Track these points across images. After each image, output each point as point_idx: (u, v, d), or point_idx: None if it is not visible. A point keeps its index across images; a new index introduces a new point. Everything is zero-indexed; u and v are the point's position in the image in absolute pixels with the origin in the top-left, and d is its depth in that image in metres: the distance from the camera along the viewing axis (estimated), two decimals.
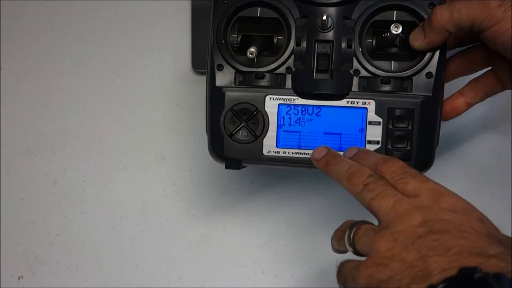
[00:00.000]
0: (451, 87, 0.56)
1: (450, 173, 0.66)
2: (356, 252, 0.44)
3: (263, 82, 0.53)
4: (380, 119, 0.52)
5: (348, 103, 0.52)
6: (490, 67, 0.55)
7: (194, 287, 0.63)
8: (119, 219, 0.66)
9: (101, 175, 0.68)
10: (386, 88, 0.52)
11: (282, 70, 0.53)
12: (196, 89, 0.70)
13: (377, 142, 0.52)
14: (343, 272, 0.44)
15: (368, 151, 0.50)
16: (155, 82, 0.71)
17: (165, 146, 0.68)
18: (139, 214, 0.66)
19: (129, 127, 0.69)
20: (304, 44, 0.52)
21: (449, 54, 0.54)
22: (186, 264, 0.64)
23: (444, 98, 0.54)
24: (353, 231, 0.44)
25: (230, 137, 0.53)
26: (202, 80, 0.70)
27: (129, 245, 0.65)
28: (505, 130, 0.67)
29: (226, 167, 0.54)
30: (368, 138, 0.52)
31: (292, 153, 0.53)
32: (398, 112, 0.52)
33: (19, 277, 0.64)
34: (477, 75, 0.56)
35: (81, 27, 0.74)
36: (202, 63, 0.70)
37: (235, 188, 0.66)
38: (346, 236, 0.45)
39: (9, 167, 0.68)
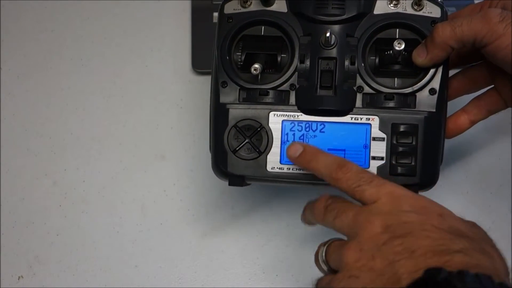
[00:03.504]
0: (453, 104, 0.56)
1: (450, 173, 0.66)
2: (331, 270, 0.44)
3: (267, 99, 0.53)
4: (384, 135, 0.52)
5: (352, 119, 0.52)
6: (492, 85, 0.55)
7: (194, 287, 0.63)
8: (119, 219, 0.66)
9: (101, 175, 0.68)
10: (390, 104, 0.52)
11: (286, 87, 0.53)
12: (196, 89, 0.70)
13: (382, 158, 0.51)
14: None
15: (316, 151, 0.48)
16: (155, 82, 0.71)
17: (165, 146, 0.68)
18: (139, 214, 0.66)
19: (129, 127, 0.69)
20: (307, 62, 0.52)
21: (451, 73, 0.54)
22: (186, 264, 0.64)
23: (447, 115, 0.54)
24: (324, 250, 0.45)
25: (234, 153, 0.53)
26: (202, 80, 0.70)
27: (129, 245, 0.65)
28: (505, 130, 0.67)
29: (230, 184, 0.53)
30: (372, 154, 0.52)
31: (296, 169, 0.52)
32: (402, 128, 0.51)
33: (19, 277, 0.64)
34: (479, 93, 0.56)
35: (81, 27, 0.74)
36: (202, 63, 0.70)
37: (235, 188, 0.66)
38: (319, 256, 0.45)
39: (9, 167, 0.68)
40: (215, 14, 0.71)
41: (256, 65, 0.51)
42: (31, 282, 0.64)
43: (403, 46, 0.50)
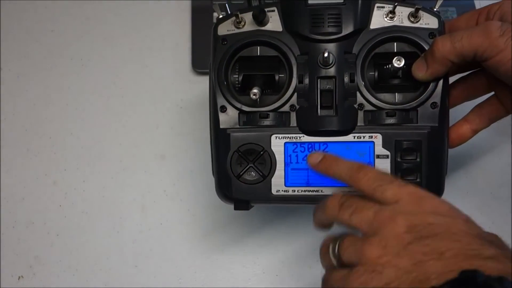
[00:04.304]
0: (454, 113, 0.56)
1: (450, 173, 0.66)
2: (342, 264, 0.44)
3: (268, 122, 0.52)
4: (388, 153, 0.51)
5: (354, 138, 0.51)
6: (493, 92, 0.55)
7: (194, 287, 0.63)
8: (119, 219, 0.66)
9: (101, 175, 0.68)
10: (392, 120, 0.51)
11: (286, 108, 0.52)
12: (196, 89, 0.70)
13: None
14: (331, 283, 0.43)
15: (336, 157, 0.48)
16: (155, 82, 0.71)
17: (165, 146, 0.68)
18: (139, 214, 0.66)
19: (129, 127, 0.69)
20: (306, 81, 0.52)
21: (451, 80, 0.54)
22: (186, 264, 0.64)
23: (449, 125, 0.54)
24: (337, 244, 0.44)
25: (238, 178, 0.52)
26: (202, 80, 0.70)
27: (129, 245, 0.65)
28: (505, 130, 0.67)
29: (235, 209, 0.53)
30: None
31: (301, 191, 0.52)
32: (405, 145, 0.51)
33: (19, 277, 0.64)
34: (481, 101, 0.56)
35: (81, 27, 0.74)
36: (202, 63, 0.70)
37: None
38: (330, 249, 0.44)
39: (9, 167, 0.68)
40: (215, 14, 0.71)
41: (255, 90, 0.50)
42: (31, 282, 0.64)
43: (402, 63, 0.50)
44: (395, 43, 0.52)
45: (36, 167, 0.68)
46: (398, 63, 0.50)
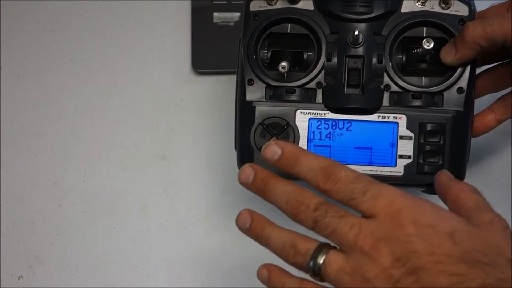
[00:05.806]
0: (479, 103, 0.56)
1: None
2: (319, 279, 0.43)
3: (294, 97, 0.53)
4: (411, 134, 0.52)
5: (379, 117, 0.52)
6: None
7: (194, 287, 0.63)
8: (119, 219, 0.66)
9: (101, 175, 0.68)
10: (417, 103, 0.52)
11: (312, 85, 0.53)
12: (196, 89, 0.70)
13: (409, 157, 0.52)
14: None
15: (296, 152, 0.44)
16: (155, 82, 0.71)
17: (165, 146, 0.68)
18: (139, 214, 0.66)
19: (129, 127, 0.69)
20: (335, 60, 0.52)
21: (477, 71, 0.54)
22: (186, 264, 0.64)
23: (474, 114, 0.54)
24: (319, 258, 0.42)
25: (260, 151, 0.53)
26: (202, 80, 0.70)
27: (129, 245, 0.65)
28: (505, 130, 0.67)
29: None
30: (399, 152, 0.52)
31: None
32: (429, 127, 0.51)
33: (19, 277, 0.64)
34: (505, 92, 0.56)
35: (81, 27, 0.74)
36: (202, 63, 0.70)
37: (235, 188, 0.66)
38: (310, 261, 0.42)
39: (9, 167, 0.68)
40: (215, 14, 0.71)
41: (284, 63, 0.51)
42: (31, 282, 0.64)
43: (432, 45, 0.50)
44: (424, 28, 0.53)
45: (36, 167, 0.68)
46: (428, 44, 0.50)
